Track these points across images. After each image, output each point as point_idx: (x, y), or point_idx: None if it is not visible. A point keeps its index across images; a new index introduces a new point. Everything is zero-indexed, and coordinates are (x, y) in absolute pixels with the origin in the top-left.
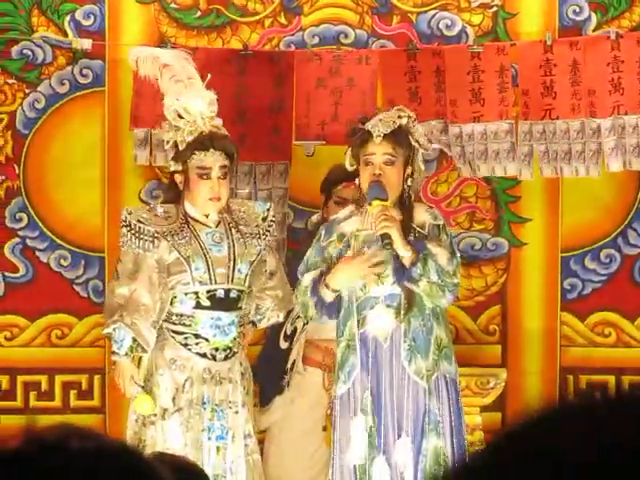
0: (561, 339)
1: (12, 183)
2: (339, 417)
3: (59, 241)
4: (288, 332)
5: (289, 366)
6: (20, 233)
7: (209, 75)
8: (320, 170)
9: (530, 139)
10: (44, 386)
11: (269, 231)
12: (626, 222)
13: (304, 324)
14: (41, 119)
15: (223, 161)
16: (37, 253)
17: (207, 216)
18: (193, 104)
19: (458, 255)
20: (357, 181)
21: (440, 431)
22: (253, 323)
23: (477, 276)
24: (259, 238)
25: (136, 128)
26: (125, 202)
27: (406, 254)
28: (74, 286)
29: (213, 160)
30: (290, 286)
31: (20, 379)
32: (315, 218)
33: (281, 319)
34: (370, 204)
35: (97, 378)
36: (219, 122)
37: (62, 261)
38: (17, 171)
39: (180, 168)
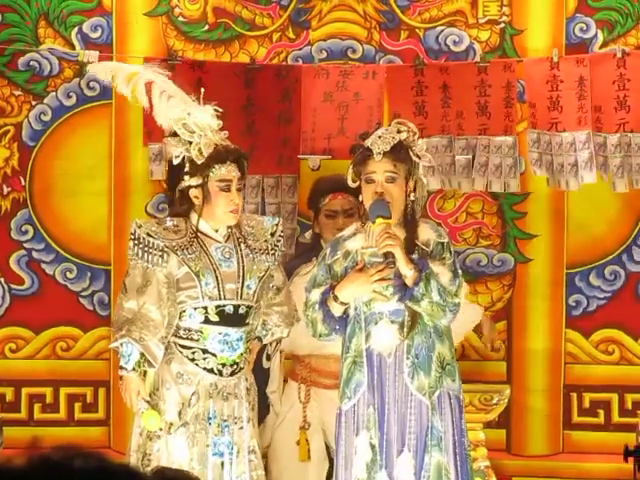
0: (565, 356)
1: (18, 195)
2: (344, 433)
3: (65, 254)
4: (270, 352)
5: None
6: (26, 245)
7: (202, 90)
8: None
9: (538, 147)
10: (49, 398)
11: (277, 246)
12: (631, 239)
13: (277, 343)
14: (48, 131)
15: (239, 174)
16: (43, 265)
17: (217, 230)
18: (202, 117)
19: (460, 274)
20: (360, 198)
21: (443, 447)
22: (259, 339)
23: (483, 292)
24: (268, 253)
25: (150, 143)
26: (132, 215)
27: (409, 273)
28: (80, 299)
29: (231, 172)
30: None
31: (25, 391)
32: (308, 235)
33: (285, 335)
34: (373, 222)
35: (102, 391)
36: (225, 135)
37: (68, 274)
38: (23, 183)
39: (199, 182)
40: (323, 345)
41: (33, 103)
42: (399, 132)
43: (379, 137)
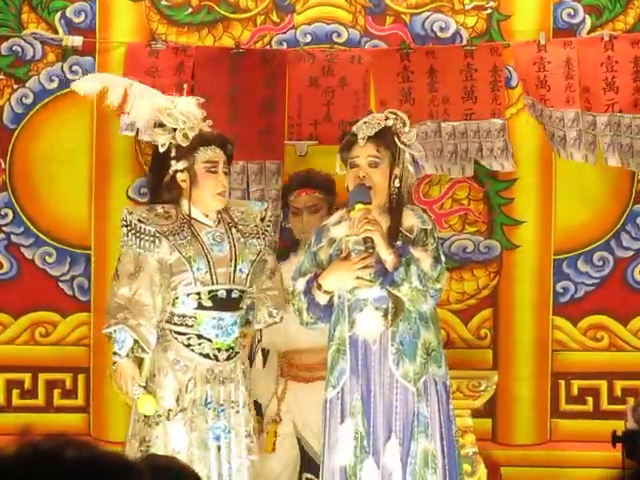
0: (553, 343)
1: None
2: (328, 421)
3: (45, 238)
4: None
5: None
6: (5, 229)
7: (185, 85)
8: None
9: (534, 111)
10: (27, 384)
11: (267, 231)
12: (619, 225)
13: (259, 340)
14: (29, 115)
15: (224, 157)
16: (22, 249)
17: (207, 216)
18: (185, 105)
19: (443, 260)
20: (346, 186)
21: (429, 433)
22: (248, 322)
23: (469, 279)
24: (258, 238)
25: (123, 113)
26: (112, 199)
27: (389, 258)
28: (59, 283)
29: (218, 155)
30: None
31: (3, 377)
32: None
33: (279, 320)
34: (353, 208)
35: (81, 377)
36: (209, 123)
37: (47, 258)
38: (3, 166)
39: (185, 166)
40: (297, 340)
41: (15, 87)
42: (386, 119)
43: (365, 122)
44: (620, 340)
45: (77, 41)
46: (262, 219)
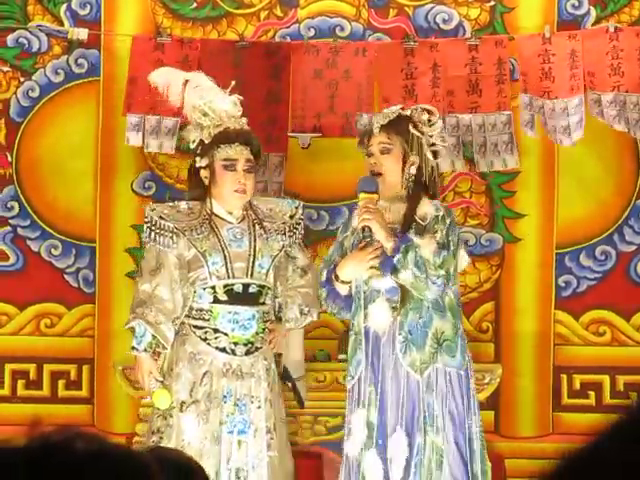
0: (555, 337)
1: (4, 171)
2: (348, 410)
3: (50, 230)
4: None
5: None
6: (11, 221)
7: (233, 82)
8: (316, 162)
9: (531, 109)
10: (32, 375)
11: (297, 229)
12: (622, 219)
13: None
14: (35, 108)
15: (249, 155)
16: (28, 242)
17: (231, 213)
18: (218, 103)
19: (452, 248)
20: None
21: (436, 425)
22: (281, 320)
23: (471, 272)
24: (284, 234)
25: (129, 113)
26: (118, 193)
27: (388, 245)
28: (65, 276)
29: (239, 152)
30: None
31: (8, 367)
32: None
33: (315, 317)
34: (357, 197)
35: (86, 368)
36: (244, 121)
37: (53, 250)
38: (10, 159)
39: (206, 163)
40: None
41: (21, 79)
42: (402, 109)
43: (382, 114)
44: (623, 335)
45: (82, 34)
46: (292, 216)
